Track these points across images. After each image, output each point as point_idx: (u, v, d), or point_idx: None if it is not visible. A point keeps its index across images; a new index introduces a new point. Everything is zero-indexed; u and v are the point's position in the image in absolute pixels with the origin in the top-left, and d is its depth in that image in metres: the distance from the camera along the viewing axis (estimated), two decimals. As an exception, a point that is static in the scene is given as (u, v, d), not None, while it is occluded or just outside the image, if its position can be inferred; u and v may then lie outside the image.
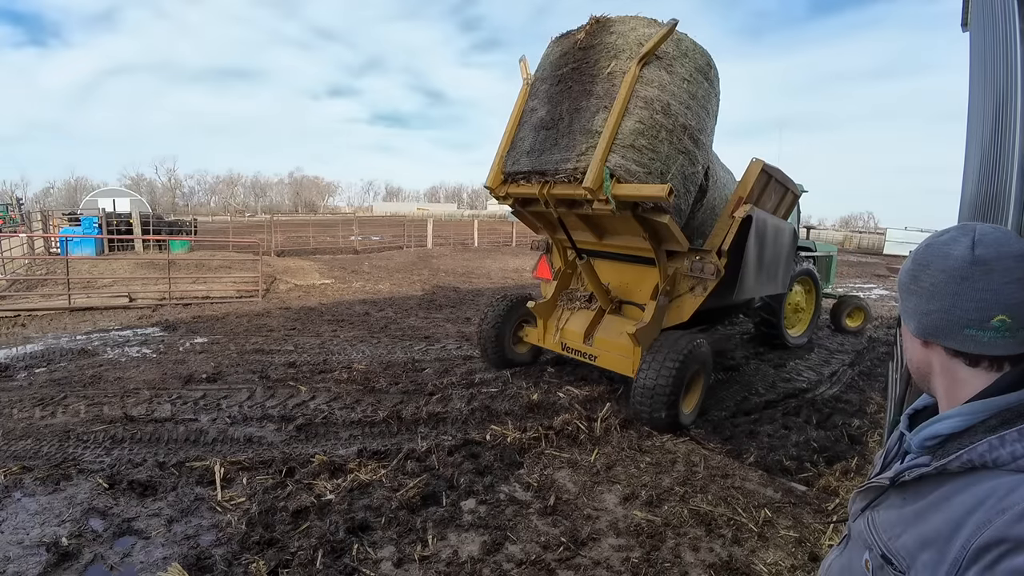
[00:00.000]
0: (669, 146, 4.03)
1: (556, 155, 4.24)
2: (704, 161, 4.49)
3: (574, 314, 5.51)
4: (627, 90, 3.91)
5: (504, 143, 4.82)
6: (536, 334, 5.74)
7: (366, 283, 13.31)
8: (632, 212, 4.09)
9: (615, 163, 3.86)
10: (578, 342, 5.23)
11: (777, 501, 3.43)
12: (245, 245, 19.51)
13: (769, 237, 5.01)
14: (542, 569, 2.73)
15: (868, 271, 22.37)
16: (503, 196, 4.91)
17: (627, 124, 3.91)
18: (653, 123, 3.95)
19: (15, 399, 4.74)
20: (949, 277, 0.77)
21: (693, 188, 4.42)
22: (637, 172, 3.91)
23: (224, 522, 3.03)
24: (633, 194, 3.86)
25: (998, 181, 3.44)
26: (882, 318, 10.89)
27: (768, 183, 5.15)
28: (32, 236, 16.11)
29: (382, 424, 4.44)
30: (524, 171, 4.50)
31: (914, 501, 0.77)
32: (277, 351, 6.71)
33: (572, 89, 4.34)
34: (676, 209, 4.19)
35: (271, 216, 40.31)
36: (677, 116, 4.06)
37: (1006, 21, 3.61)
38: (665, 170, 4.01)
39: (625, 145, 3.89)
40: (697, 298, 4.75)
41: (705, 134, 4.40)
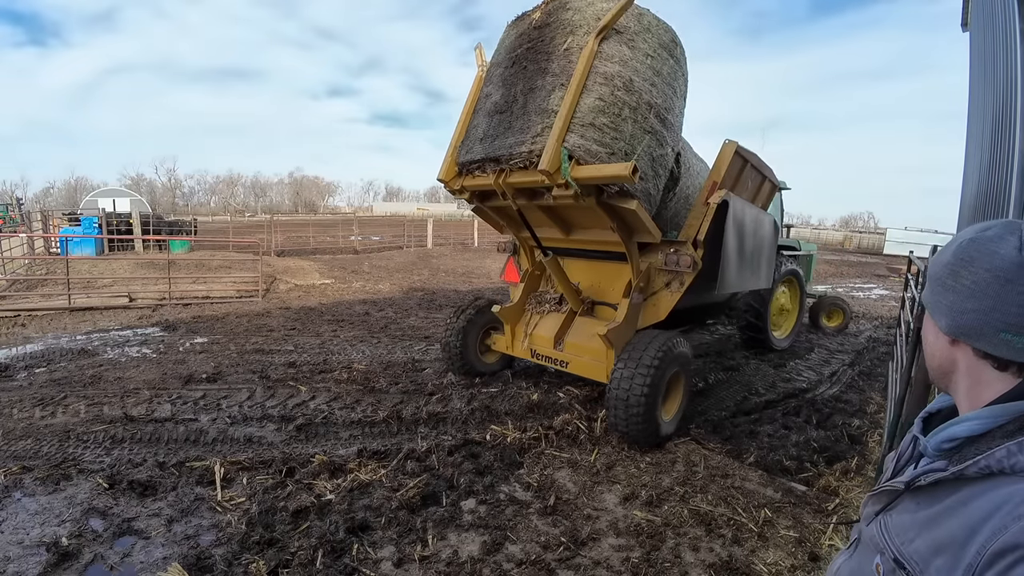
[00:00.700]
0: (633, 124, 3.73)
1: (510, 138, 3.90)
2: (674, 144, 4.18)
3: (543, 318, 5.14)
4: (585, 65, 3.62)
5: (458, 133, 4.47)
6: (504, 341, 5.35)
7: (366, 283, 13.32)
8: (596, 198, 3.75)
9: (574, 143, 3.55)
10: (548, 348, 4.89)
11: (777, 501, 3.43)
12: (245, 245, 19.51)
13: (749, 227, 4.75)
14: (542, 569, 2.73)
15: (868, 271, 22.37)
16: (458, 190, 4.52)
17: (586, 101, 3.61)
18: (614, 100, 3.65)
19: (15, 399, 4.74)
20: (994, 278, 0.73)
21: (663, 172, 4.10)
22: (599, 152, 3.59)
23: (224, 522, 3.03)
24: (594, 175, 3.54)
25: (998, 180, 3.45)
26: (882, 318, 10.89)
27: (744, 169, 4.86)
28: (32, 236, 16.11)
29: (382, 424, 4.44)
30: (478, 159, 4.11)
31: (929, 506, 0.76)
32: (277, 351, 6.71)
33: (527, 69, 4.01)
34: (645, 194, 3.85)
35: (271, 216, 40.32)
36: (641, 93, 3.75)
37: (1006, 21, 3.61)
38: (630, 150, 3.69)
39: (584, 124, 3.59)
40: (674, 294, 4.46)
41: (673, 114, 4.08)
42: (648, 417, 3.88)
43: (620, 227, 4.11)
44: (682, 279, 4.41)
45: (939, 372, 0.86)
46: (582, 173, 3.55)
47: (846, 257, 29.10)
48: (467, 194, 4.54)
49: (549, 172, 3.52)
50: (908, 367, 3.33)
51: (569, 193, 3.65)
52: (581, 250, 4.95)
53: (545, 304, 5.25)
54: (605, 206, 3.85)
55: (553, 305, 5.20)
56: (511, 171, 3.93)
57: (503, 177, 3.98)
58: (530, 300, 5.36)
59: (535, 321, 5.18)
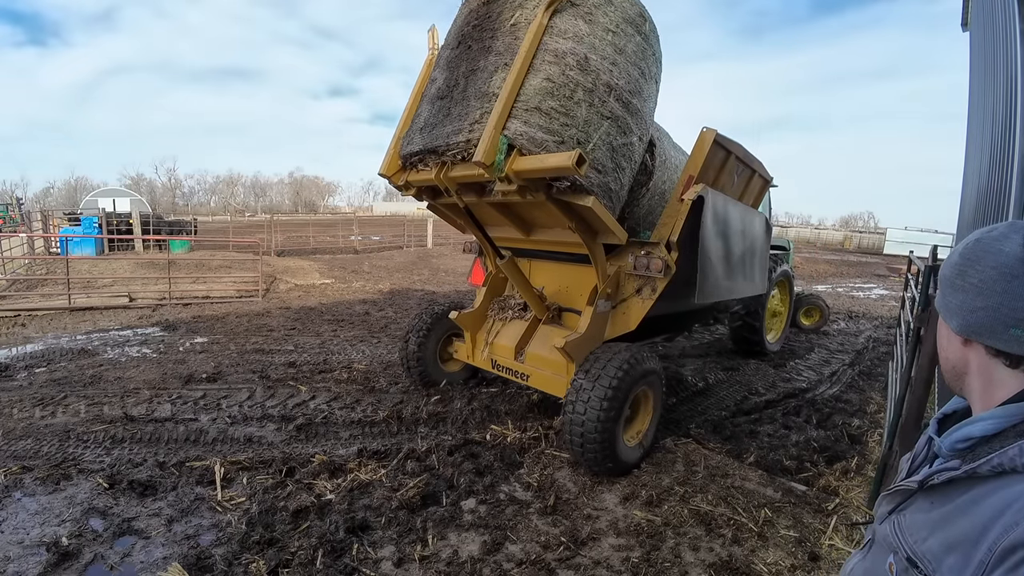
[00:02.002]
0: (588, 109, 3.27)
1: (448, 127, 3.48)
2: (642, 132, 3.71)
3: (506, 325, 4.70)
4: (532, 42, 3.18)
5: (402, 122, 4.04)
6: (466, 350, 4.93)
7: (366, 283, 13.32)
8: (546, 194, 3.29)
9: (516, 131, 3.09)
10: (509, 358, 4.45)
11: (777, 501, 3.43)
12: (245, 245, 19.51)
13: (734, 226, 4.35)
14: (542, 569, 2.73)
15: (868, 271, 22.38)
16: (403, 186, 4.05)
17: (532, 83, 3.16)
18: (566, 81, 3.20)
19: (15, 399, 4.74)
20: (1000, 275, 0.74)
21: (628, 164, 3.63)
22: (545, 141, 3.13)
23: (224, 522, 3.03)
24: (536, 167, 3.03)
25: (999, 180, 3.45)
26: (882, 318, 10.89)
27: (727, 161, 4.39)
28: (32, 236, 16.10)
29: (382, 424, 4.44)
30: (417, 151, 3.68)
31: (942, 505, 0.76)
32: (277, 351, 6.71)
33: (471, 49, 3.61)
34: (603, 189, 3.39)
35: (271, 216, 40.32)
36: (599, 73, 3.29)
37: (1006, 21, 3.61)
38: (584, 138, 3.24)
39: (529, 108, 3.13)
40: (645, 301, 4.00)
41: (641, 98, 3.60)
42: (605, 442, 3.43)
43: (580, 227, 3.62)
44: (654, 285, 3.97)
45: (953, 374, 0.86)
46: (522, 165, 3.06)
47: (846, 257, 29.10)
48: (413, 190, 4.07)
49: (485, 164, 3.05)
50: (908, 367, 3.33)
51: (512, 188, 3.21)
52: (546, 251, 4.51)
53: (508, 310, 4.81)
54: (558, 203, 3.39)
55: (517, 311, 4.74)
56: (452, 164, 3.50)
57: (444, 171, 3.55)
58: (493, 305, 4.94)
59: (497, 328, 4.76)
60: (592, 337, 4.00)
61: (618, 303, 4.20)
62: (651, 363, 3.80)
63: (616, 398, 3.44)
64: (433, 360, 5.22)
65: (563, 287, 4.68)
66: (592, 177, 3.23)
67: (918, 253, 6.02)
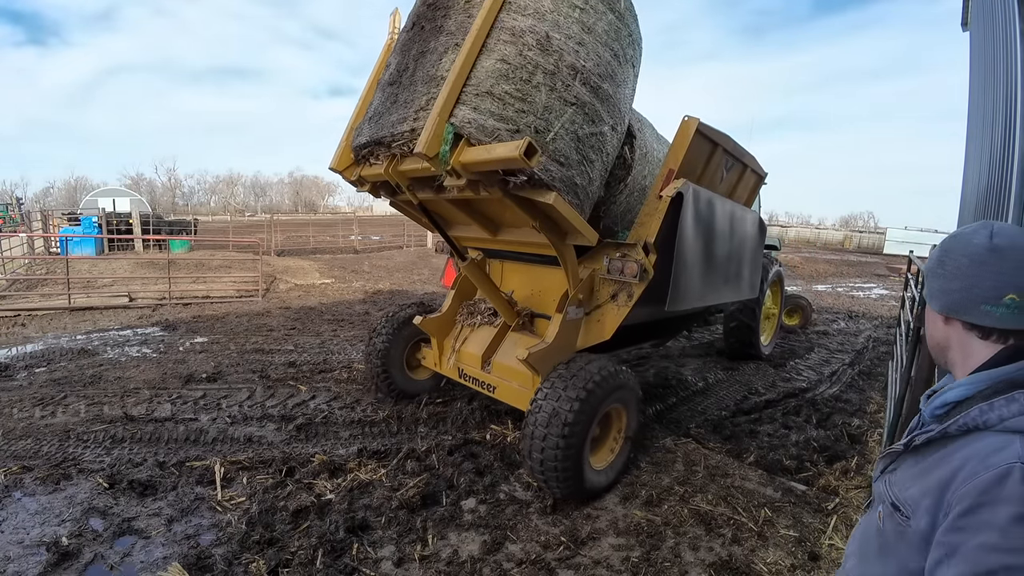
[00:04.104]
0: (549, 94, 2.91)
1: (394, 115, 3.19)
2: (615, 121, 3.35)
3: (474, 331, 4.36)
4: (485, 19, 2.85)
5: (356, 112, 3.72)
6: (433, 357, 4.60)
7: (366, 283, 13.32)
8: (502, 190, 2.90)
9: (464, 118, 2.75)
10: (476, 368, 4.14)
11: (777, 500, 3.43)
12: (245, 245, 19.51)
13: (720, 226, 4.05)
14: (542, 568, 2.73)
15: (868, 271, 22.39)
16: (356, 182, 3.73)
17: (484, 64, 2.83)
18: (523, 62, 2.85)
19: (15, 399, 4.74)
20: (971, 261, 0.91)
21: (598, 156, 3.26)
22: (497, 130, 2.78)
23: (224, 522, 3.03)
24: (483, 159, 2.68)
25: (998, 180, 3.45)
26: (882, 318, 10.89)
27: (713, 153, 4.03)
28: (32, 236, 16.10)
29: (382, 424, 4.44)
30: (364, 142, 3.38)
31: (922, 461, 0.91)
32: (277, 351, 6.71)
33: (424, 30, 3.34)
34: (566, 184, 3.00)
35: (271, 216, 40.33)
36: (563, 54, 2.94)
37: (1006, 21, 3.61)
38: (543, 126, 2.88)
39: (480, 93, 2.79)
40: (621, 308, 3.67)
41: (613, 83, 3.23)
42: (568, 466, 3.09)
43: (546, 226, 3.24)
44: (630, 291, 3.65)
45: (938, 349, 1.03)
46: (469, 157, 2.72)
47: (846, 257, 29.10)
48: (367, 186, 3.72)
49: (427, 156, 2.74)
50: (908, 367, 3.33)
51: (461, 183, 2.91)
52: (516, 253, 4.15)
53: (477, 315, 4.45)
54: (517, 200, 3.02)
55: (487, 317, 4.39)
56: (401, 157, 3.19)
57: (393, 165, 3.22)
58: (462, 310, 4.61)
59: (465, 335, 4.42)
60: (560, 347, 3.65)
61: (592, 310, 3.84)
62: (624, 377, 3.45)
63: (581, 416, 3.10)
64: (400, 368, 4.85)
65: (535, 291, 4.34)
66: (553, 170, 2.87)
67: (918, 253, 6.03)
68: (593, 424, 3.24)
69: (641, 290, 3.59)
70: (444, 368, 4.50)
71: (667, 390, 5.66)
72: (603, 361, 3.40)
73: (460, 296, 4.63)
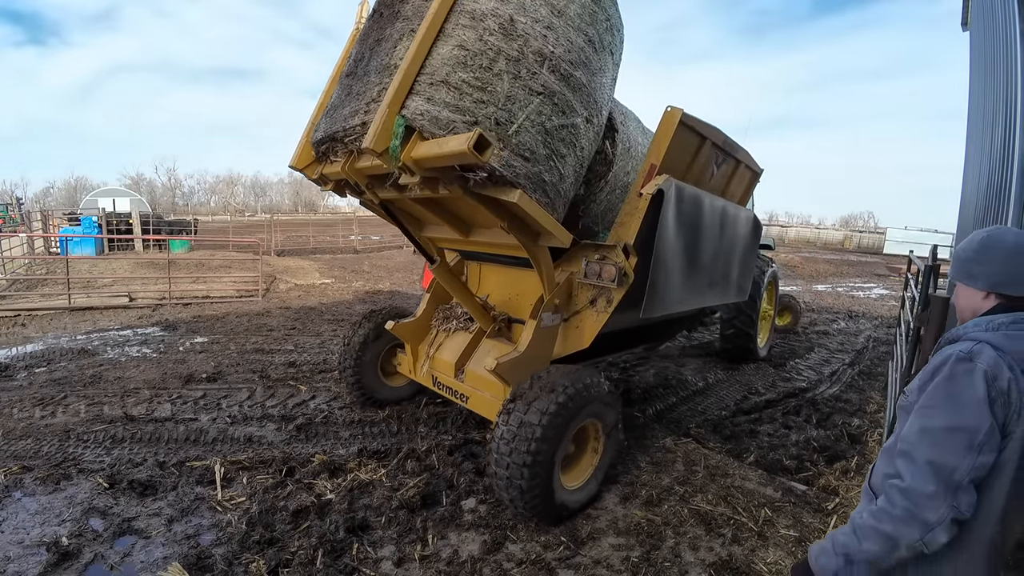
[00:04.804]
0: (513, 82, 2.67)
1: (346, 108, 3.01)
2: (591, 112, 3.10)
3: (449, 337, 4.16)
4: (443, 1, 2.64)
5: (317, 107, 3.52)
6: (408, 363, 4.39)
7: (366, 283, 13.32)
8: (462, 188, 2.68)
9: (416, 110, 2.53)
10: (449, 375, 3.92)
11: (777, 500, 3.43)
12: (245, 245, 19.51)
13: (708, 225, 3.82)
14: (542, 568, 2.73)
15: (868, 270, 22.38)
16: (319, 180, 3.51)
17: (441, 51, 2.61)
18: (484, 48, 2.63)
19: (15, 399, 4.74)
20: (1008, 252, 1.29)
21: (570, 151, 3.00)
22: (452, 122, 2.56)
23: (224, 522, 3.03)
24: (435, 154, 2.47)
25: (999, 180, 3.45)
26: (882, 318, 10.89)
27: (701, 147, 3.76)
28: (32, 236, 16.10)
29: (382, 424, 4.44)
30: (320, 138, 3.19)
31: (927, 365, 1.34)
32: (277, 351, 6.71)
33: (383, 17, 3.15)
34: (533, 181, 2.74)
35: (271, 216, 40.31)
36: (528, 38, 2.70)
37: (1006, 21, 3.61)
38: (505, 118, 2.64)
39: (435, 82, 2.57)
40: (600, 315, 3.44)
41: (587, 72, 2.99)
42: (536, 486, 2.86)
43: (515, 226, 3.00)
44: (610, 296, 3.40)
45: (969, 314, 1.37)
46: (421, 152, 2.51)
47: (846, 257, 29.09)
48: (330, 185, 3.52)
49: (376, 152, 2.55)
50: (908, 366, 3.33)
51: (415, 180, 2.69)
52: (492, 255, 3.90)
53: (453, 320, 4.24)
54: (480, 198, 2.78)
55: (462, 321, 4.17)
56: (359, 153, 2.97)
57: (350, 162, 3.02)
58: (437, 314, 4.40)
59: (440, 341, 4.20)
60: (534, 356, 3.40)
61: (570, 316, 3.59)
62: (601, 390, 3.18)
63: (551, 432, 2.86)
64: (374, 375, 4.65)
65: (513, 295, 4.09)
66: (517, 166, 2.63)
67: (918, 253, 6.02)
68: (564, 441, 2.99)
69: (621, 295, 3.35)
70: (418, 375, 4.28)
71: (667, 390, 5.66)
72: (578, 372, 3.13)
73: (436, 300, 4.42)
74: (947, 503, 1.12)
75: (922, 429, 1.20)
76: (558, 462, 2.99)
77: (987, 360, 1.16)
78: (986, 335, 1.22)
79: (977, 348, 1.19)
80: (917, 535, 1.14)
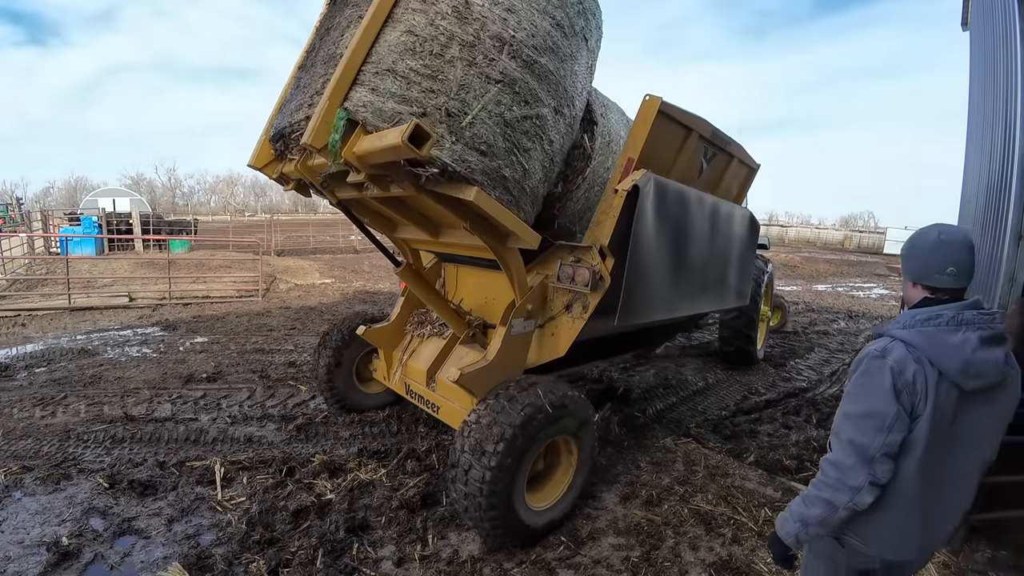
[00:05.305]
0: (467, 70, 2.46)
1: (294, 101, 2.86)
2: (560, 103, 2.85)
3: (423, 343, 3.93)
4: None
5: (277, 103, 3.29)
6: (383, 369, 4.18)
7: (366, 283, 13.32)
8: (414, 185, 2.44)
9: (359, 101, 2.33)
10: (422, 384, 3.70)
11: (777, 500, 3.43)
12: (245, 245, 19.52)
13: (696, 224, 3.58)
14: (542, 568, 2.74)
15: (868, 270, 22.38)
16: (280, 180, 3.30)
17: (388, 38, 2.41)
18: (435, 33, 2.43)
19: (15, 399, 4.74)
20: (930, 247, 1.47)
21: (536, 144, 2.76)
22: (398, 114, 2.33)
23: (224, 521, 3.03)
24: (375, 148, 2.26)
25: (998, 180, 3.44)
26: (882, 317, 10.89)
27: (686, 140, 3.50)
28: (32, 236, 16.11)
29: (382, 424, 4.44)
30: (273, 135, 3.02)
31: None
32: (277, 350, 6.71)
33: (336, 4, 3.02)
34: (492, 177, 2.52)
35: (271, 216, 40.31)
36: (486, 22, 2.50)
37: (1006, 21, 3.61)
38: (458, 108, 2.42)
39: (381, 71, 2.37)
40: (576, 321, 3.22)
41: (555, 58, 2.76)
42: (496, 503, 2.64)
43: (479, 227, 2.74)
44: (585, 301, 3.19)
45: (909, 303, 1.58)
46: (362, 147, 2.32)
47: (846, 256, 29.10)
48: (292, 184, 3.30)
49: (315, 148, 2.37)
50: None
51: (361, 178, 2.50)
52: (468, 257, 3.68)
53: (427, 325, 4.02)
54: (436, 197, 2.55)
55: (437, 327, 3.96)
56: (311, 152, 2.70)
57: (303, 159, 2.81)
58: (412, 318, 4.19)
59: (414, 347, 3.98)
60: (502, 366, 3.16)
61: (546, 322, 3.38)
62: (574, 404, 2.96)
63: (515, 449, 2.65)
64: (349, 381, 4.46)
65: (489, 298, 3.85)
66: (471, 161, 2.42)
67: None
68: (527, 458, 2.76)
69: (597, 300, 3.13)
70: (392, 383, 4.07)
71: (667, 390, 5.66)
72: (546, 385, 2.93)
73: (410, 303, 4.17)
74: (865, 471, 1.37)
75: (845, 414, 1.45)
76: (521, 482, 2.77)
77: (895, 357, 1.37)
78: (902, 332, 1.42)
79: (890, 346, 1.40)
80: (847, 498, 1.40)
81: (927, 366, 1.35)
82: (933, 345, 1.37)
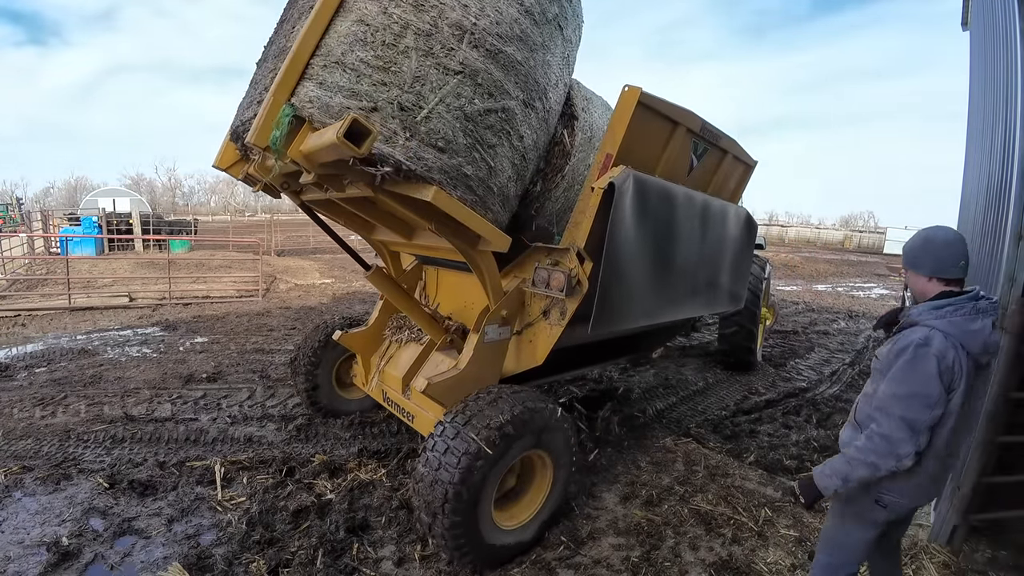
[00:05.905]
0: (423, 60, 2.31)
1: (246, 99, 2.74)
2: (530, 95, 2.69)
3: (401, 348, 3.81)
4: None
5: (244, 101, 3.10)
6: (362, 375, 4.06)
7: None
8: (369, 185, 2.32)
9: (306, 96, 2.18)
10: (398, 391, 3.58)
11: (777, 500, 3.43)
12: (245, 245, 19.52)
13: (684, 224, 3.37)
14: (542, 568, 2.74)
15: (868, 270, 22.38)
16: (247, 181, 3.19)
17: (338, 28, 2.25)
18: (388, 22, 2.28)
19: (15, 399, 4.74)
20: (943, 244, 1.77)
21: (503, 140, 2.61)
22: (346, 109, 2.19)
23: (224, 522, 3.03)
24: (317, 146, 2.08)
25: (998, 180, 3.44)
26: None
27: (673, 135, 3.25)
28: (32, 236, 16.11)
29: (382, 424, 4.44)
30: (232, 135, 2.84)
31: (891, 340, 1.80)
32: (277, 350, 6.72)
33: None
34: (452, 176, 2.39)
35: (271, 216, 40.29)
36: (444, 9, 2.35)
37: (1006, 21, 3.61)
38: (412, 102, 2.28)
39: (329, 64, 2.22)
40: (553, 328, 3.05)
41: (524, 47, 2.59)
42: (459, 522, 2.49)
43: (445, 228, 2.62)
44: (563, 307, 3.00)
45: (921, 296, 1.82)
46: (308, 145, 2.15)
47: (846, 256, 29.11)
48: (259, 185, 3.14)
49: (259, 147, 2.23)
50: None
51: (311, 179, 2.35)
52: (450, 260, 3.52)
53: (405, 330, 3.90)
54: (395, 197, 2.42)
55: (415, 332, 3.84)
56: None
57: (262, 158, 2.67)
58: (391, 323, 4.06)
59: (391, 352, 3.86)
60: (474, 375, 3.03)
61: (523, 328, 3.21)
62: (547, 417, 2.79)
63: (480, 464, 2.50)
64: (328, 387, 4.36)
65: (467, 303, 3.70)
66: (428, 158, 2.28)
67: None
68: (494, 475, 2.60)
69: (575, 306, 2.94)
70: (370, 389, 3.93)
71: (667, 389, 5.66)
72: (518, 396, 2.77)
73: (389, 307, 4.04)
74: (913, 442, 1.66)
75: (894, 395, 1.69)
76: (487, 499, 2.62)
77: (938, 345, 1.64)
78: (936, 322, 1.68)
79: (931, 335, 1.66)
80: (893, 463, 1.69)
81: (960, 350, 1.65)
82: (962, 332, 1.66)
